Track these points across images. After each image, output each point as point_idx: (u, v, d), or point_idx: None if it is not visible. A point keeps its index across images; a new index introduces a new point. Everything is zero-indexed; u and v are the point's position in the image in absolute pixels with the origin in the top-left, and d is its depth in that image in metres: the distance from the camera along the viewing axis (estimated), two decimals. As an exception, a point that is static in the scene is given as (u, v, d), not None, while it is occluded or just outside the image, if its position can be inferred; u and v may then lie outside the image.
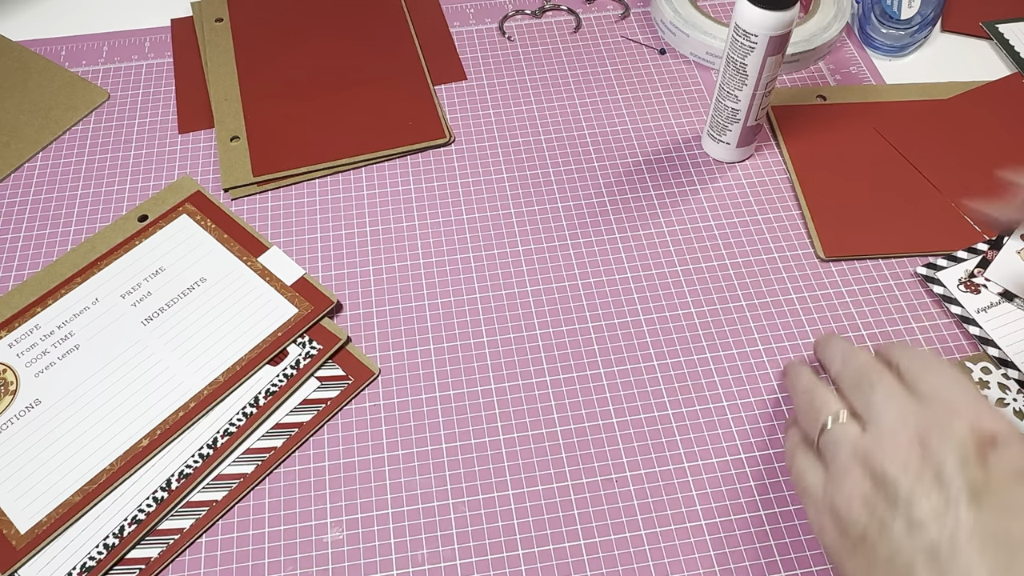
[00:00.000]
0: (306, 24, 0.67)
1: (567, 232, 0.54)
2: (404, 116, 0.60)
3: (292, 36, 0.66)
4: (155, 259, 0.52)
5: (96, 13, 0.70)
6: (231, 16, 0.68)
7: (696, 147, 0.59)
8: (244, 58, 0.65)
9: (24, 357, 0.48)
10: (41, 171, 0.58)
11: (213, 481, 0.44)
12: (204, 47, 0.66)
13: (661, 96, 0.62)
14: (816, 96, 0.62)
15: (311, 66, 0.63)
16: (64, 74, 0.64)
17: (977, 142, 0.58)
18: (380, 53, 0.64)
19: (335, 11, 0.68)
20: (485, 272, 0.52)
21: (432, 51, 0.65)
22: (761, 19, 0.48)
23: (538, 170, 0.58)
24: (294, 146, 0.58)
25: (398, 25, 0.66)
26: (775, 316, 0.50)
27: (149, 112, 0.62)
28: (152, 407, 0.46)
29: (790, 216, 0.55)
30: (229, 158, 0.58)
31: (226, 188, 0.56)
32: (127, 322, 0.49)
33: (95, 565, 0.41)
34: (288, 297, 0.50)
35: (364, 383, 0.47)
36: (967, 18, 0.68)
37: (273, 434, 0.45)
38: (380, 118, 0.60)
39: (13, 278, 0.52)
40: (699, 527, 0.42)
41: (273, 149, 0.58)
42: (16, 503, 0.43)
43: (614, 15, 0.68)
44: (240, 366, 0.47)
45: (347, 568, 0.41)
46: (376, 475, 0.44)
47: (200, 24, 0.67)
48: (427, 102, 0.61)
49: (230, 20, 0.68)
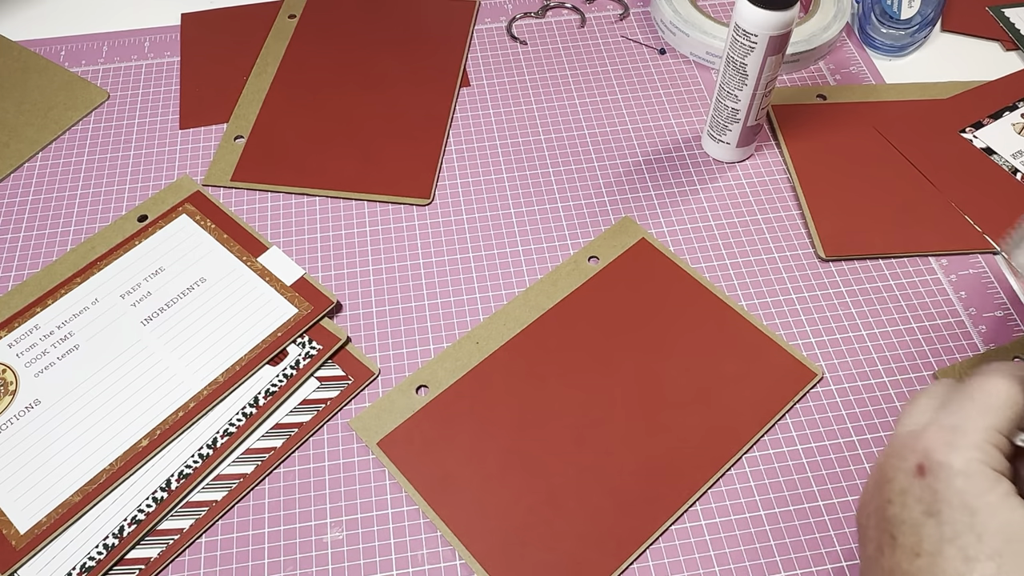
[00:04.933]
0: (364, 52, 0.65)
1: (567, 232, 0.54)
2: (399, 170, 0.57)
3: (345, 56, 0.64)
4: (155, 259, 0.52)
5: (96, 13, 0.70)
6: (302, 18, 0.68)
7: (696, 147, 0.59)
8: (289, 62, 0.64)
9: (24, 357, 0.48)
10: (41, 171, 0.58)
11: (213, 481, 0.44)
12: (268, 37, 0.66)
13: (661, 96, 0.62)
14: (816, 96, 0.62)
15: (344, 92, 0.62)
16: (64, 74, 0.64)
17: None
18: (415, 105, 0.61)
19: (398, 52, 0.65)
20: (485, 272, 0.52)
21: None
22: (761, 19, 0.48)
23: (538, 170, 0.58)
24: (282, 162, 0.57)
25: (447, 82, 0.63)
26: (775, 316, 0.50)
27: (149, 112, 0.62)
28: (152, 407, 0.46)
29: (790, 216, 0.55)
30: (222, 155, 0.58)
31: (205, 183, 0.56)
32: (127, 322, 0.49)
33: (95, 565, 0.41)
34: (288, 297, 0.50)
35: (364, 383, 0.47)
36: (970, 9, 0.68)
37: (273, 434, 0.45)
38: (374, 164, 0.57)
39: (13, 278, 0.52)
40: (701, 527, 0.42)
41: (262, 159, 0.58)
42: (16, 503, 0.43)
43: (614, 15, 0.68)
44: (240, 366, 0.47)
45: (347, 568, 0.41)
46: (376, 475, 0.44)
47: (281, 12, 0.68)
48: (429, 165, 0.57)
49: (299, 21, 0.67)
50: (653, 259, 0.52)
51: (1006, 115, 0.60)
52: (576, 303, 0.50)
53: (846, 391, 0.47)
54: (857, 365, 0.48)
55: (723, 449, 0.44)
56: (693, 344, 0.48)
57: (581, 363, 0.47)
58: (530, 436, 0.45)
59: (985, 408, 0.30)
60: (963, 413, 0.30)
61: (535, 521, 0.42)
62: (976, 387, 0.31)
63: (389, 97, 0.62)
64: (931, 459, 0.29)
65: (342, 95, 0.62)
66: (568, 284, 0.51)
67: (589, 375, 0.47)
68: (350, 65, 0.64)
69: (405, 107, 0.61)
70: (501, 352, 0.48)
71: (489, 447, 0.44)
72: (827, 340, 0.49)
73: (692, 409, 0.45)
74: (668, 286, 0.50)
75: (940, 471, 0.29)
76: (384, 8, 0.68)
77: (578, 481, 0.43)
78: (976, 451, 0.29)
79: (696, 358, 0.47)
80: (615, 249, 0.52)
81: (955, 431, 0.30)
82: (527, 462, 0.44)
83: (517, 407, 0.46)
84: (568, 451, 0.44)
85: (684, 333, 0.48)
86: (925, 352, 0.48)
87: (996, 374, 0.31)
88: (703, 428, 0.45)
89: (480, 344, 0.48)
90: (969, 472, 0.28)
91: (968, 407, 0.30)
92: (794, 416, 0.46)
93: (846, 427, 0.45)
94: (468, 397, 0.46)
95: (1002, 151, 0.57)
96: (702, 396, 0.46)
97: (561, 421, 0.45)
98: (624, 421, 0.45)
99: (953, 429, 0.30)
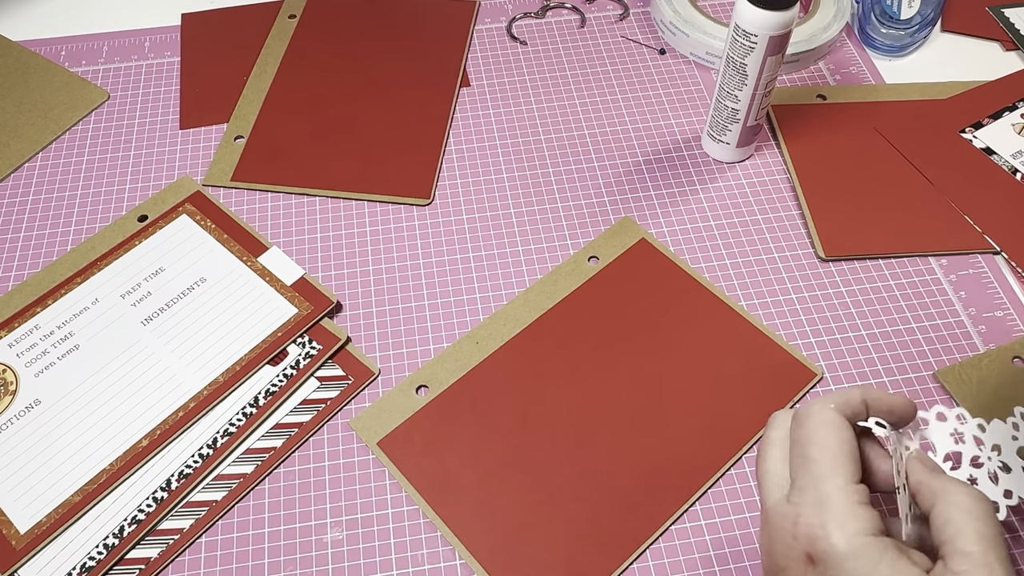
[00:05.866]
0: (364, 52, 0.65)
1: (567, 232, 0.54)
2: (399, 170, 0.57)
3: (345, 56, 0.64)
4: (155, 259, 0.52)
5: (96, 13, 0.70)
6: (302, 18, 0.68)
7: (696, 147, 0.59)
8: (289, 62, 0.64)
9: (24, 357, 0.48)
10: (41, 171, 0.58)
11: (213, 481, 0.44)
12: (268, 37, 0.66)
13: (661, 96, 0.62)
14: (816, 96, 0.62)
15: (344, 92, 0.62)
16: (64, 74, 0.64)
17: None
18: (415, 105, 0.61)
19: (398, 52, 0.65)
20: (485, 272, 0.52)
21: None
22: (761, 19, 0.48)
23: (538, 170, 0.58)
24: (282, 162, 0.57)
25: (447, 83, 0.63)
26: (775, 316, 0.50)
27: (149, 112, 0.62)
28: (152, 407, 0.46)
29: (790, 216, 0.55)
30: (223, 155, 0.58)
31: (205, 183, 0.56)
32: (127, 322, 0.49)
33: (95, 565, 0.41)
34: (288, 297, 0.50)
35: (364, 383, 0.47)
36: (970, 9, 0.68)
37: (273, 434, 0.45)
38: (375, 164, 0.57)
39: (13, 278, 0.52)
40: (701, 527, 0.42)
41: (262, 159, 0.58)
42: (16, 503, 0.43)
43: (614, 15, 0.68)
44: (240, 366, 0.47)
45: (347, 568, 0.41)
46: (376, 475, 0.44)
47: (281, 12, 0.68)
48: (429, 165, 0.57)
49: (299, 21, 0.67)
50: (653, 259, 0.52)
51: (1006, 115, 0.60)
52: (576, 303, 0.50)
53: (846, 391, 0.47)
54: (857, 365, 0.48)
55: (723, 449, 0.44)
56: (693, 344, 0.48)
57: (581, 363, 0.47)
58: (530, 436, 0.45)
59: (829, 468, 0.31)
60: (813, 481, 0.31)
61: (535, 521, 0.42)
62: (809, 445, 0.32)
63: (389, 97, 0.62)
64: (816, 548, 0.30)
65: (342, 95, 0.62)
66: (568, 284, 0.51)
67: (589, 375, 0.47)
68: (350, 65, 0.64)
69: (405, 107, 0.61)
70: (501, 352, 0.48)
71: (489, 447, 0.44)
72: (827, 340, 0.49)
73: (692, 409, 0.45)
74: (668, 286, 0.50)
75: (828, 559, 0.29)
76: (384, 8, 0.68)
77: (578, 481, 0.43)
78: (850, 522, 0.29)
79: (696, 358, 0.47)
80: (615, 249, 0.52)
81: (821, 508, 0.30)
82: (527, 462, 0.44)
83: (517, 407, 0.46)
84: (568, 451, 0.44)
85: (684, 333, 0.48)
86: (925, 352, 0.48)
87: (819, 425, 0.32)
88: (703, 428, 0.45)
89: (480, 344, 0.48)
90: (855, 552, 0.29)
91: (814, 471, 0.31)
92: (794, 416, 0.46)
93: (846, 427, 0.45)
94: (468, 397, 0.46)
95: (1002, 151, 0.57)
96: (702, 396, 0.46)
97: (561, 421, 0.45)
98: (624, 421, 0.45)
99: (819, 506, 0.30)
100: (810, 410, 0.33)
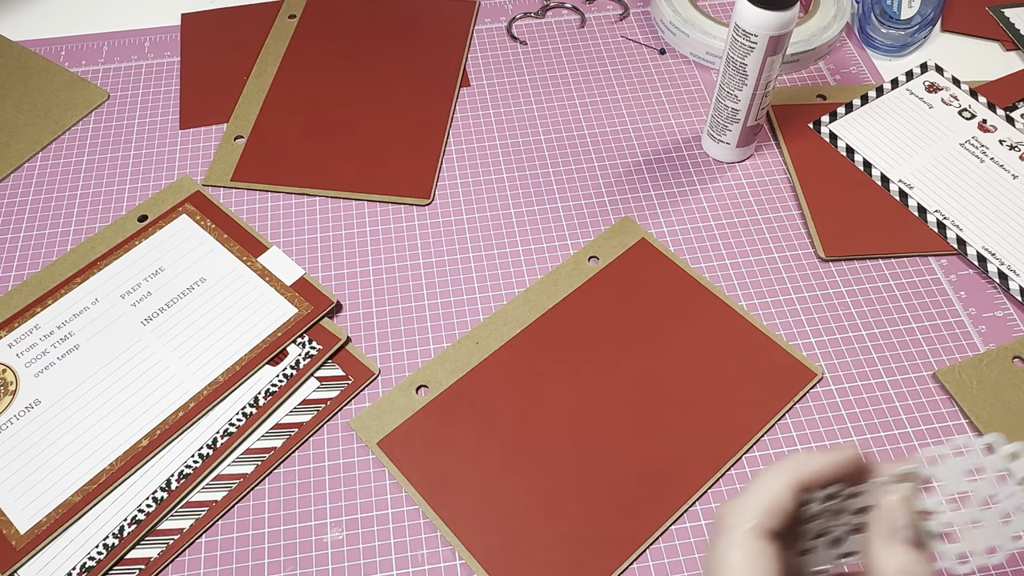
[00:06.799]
0: (364, 52, 0.65)
1: (567, 232, 0.54)
2: (399, 170, 0.57)
3: (345, 56, 0.64)
4: (155, 259, 0.52)
5: (96, 13, 0.70)
6: (302, 18, 0.68)
7: (696, 147, 0.59)
8: (289, 62, 0.64)
9: (24, 357, 0.48)
10: (41, 171, 0.58)
11: (213, 481, 0.44)
12: (268, 37, 0.66)
13: (661, 96, 0.62)
14: (816, 96, 0.62)
15: (344, 92, 0.62)
16: (64, 74, 0.64)
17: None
18: (415, 105, 0.61)
19: (398, 52, 0.65)
20: (485, 272, 0.52)
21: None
22: (761, 19, 0.48)
23: (538, 170, 0.58)
24: (282, 162, 0.57)
25: (447, 83, 0.63)
26: (775, 316, 0.50)
27: (149, 112, 0.62)
28: (152, 407, 0.46)
29: (790, 216, 0.55)
30: (222, 155, 0.58)
31: (205, 183, 0.56)
32: (127, 322, 0.49)
33: (95, 565, 0.41)
34: (288, 297, 0.50)
35: (364, 383, 0.47)
36: (970, 9, 0.68)
37: (273, 434, 0.45)
38: (375, 164, 0.57)
39: (13, 278, 0.52)
40: (701, 527, 0.42)
41: (262, 159, 0.58)
42: (16, 503, 0.43)
43: (614, 15, 0.68)
44: (240, 366, 0.47)
45: (347, 568, 0.41)
46: (376, 475, 0.44)
47: (281, 12, 0.68)
48: (429, 165, 0.57)
49: (299, 21, 0.67)
50: (653, 259, 0.52)
51: (1006, 115, 0.60)
52: (576, 303, 0.50)
53: (846, 391, 0.47)
54: (857, 365, 0.48)
55: (723, 449, 0.44)
56: (693, 344, 0.48)
57: (581, 363, 0.47)
58: (530, 436, 0.45)
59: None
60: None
61: (535, 521, 0.42)
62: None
63: (389, 97, 0.62)
64: None
65: (342, 95, 0.62)
66: (568, 284, 0.51)
67: (589, 375, 0.47)
68: (350, 65, 0.64)
69: (405, 107, 0.61)
70: (501, 352, 0.48)
71: (489, 447, 0.44)
72: (827, 340, 0.49)
73: (692, 409, 0.45)
74: (668, 286, 0.50)
75: None
76: (384, 8, 0.68)
77: (578, 481, 0.43)
78: None
79: (696, 358, 0.47)
80: (615, 249, 0.52)
81: None
82: (527, 462, 0.44)
83: (517, 407, 0.46)
84: (568, 451, 0.44)
85: (684, 333, 0.48)
86: (925, 352, 0.48)
87: (736, 564, 0.28)
88: (703, 428, 0.45)
89: (480, 344, 0.48)
90: None
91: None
92: (794, 416, 0.46)
93: (846, 427, 0.45)
94: (468, 397, 0.46)
95: (1002, 151, 0.57)
96: (702, 396, 0.46)
97: (561, 421, 0.45)
98: (624, 421, 0.45)
99: None
100: (729, 540, 0.29)
